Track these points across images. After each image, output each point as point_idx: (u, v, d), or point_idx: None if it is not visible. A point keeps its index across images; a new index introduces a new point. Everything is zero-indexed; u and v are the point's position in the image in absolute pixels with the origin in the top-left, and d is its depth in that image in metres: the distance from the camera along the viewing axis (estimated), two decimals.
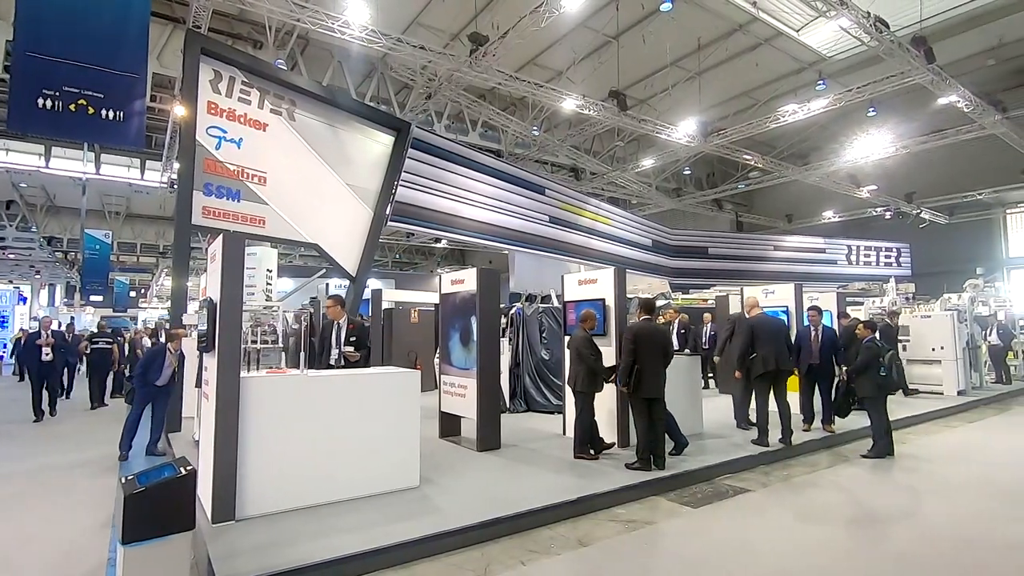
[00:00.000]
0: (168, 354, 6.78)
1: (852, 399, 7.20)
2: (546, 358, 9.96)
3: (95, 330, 13.09)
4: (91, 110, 6.81)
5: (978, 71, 16.78)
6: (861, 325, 7.12)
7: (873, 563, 3.86)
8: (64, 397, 11.91)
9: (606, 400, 6.54)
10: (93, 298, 24.87)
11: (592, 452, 6.14)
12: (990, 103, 14.68)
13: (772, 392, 6.93)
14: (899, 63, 12.29)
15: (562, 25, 13.85)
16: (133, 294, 31.60)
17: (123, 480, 3.13)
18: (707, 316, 12.27)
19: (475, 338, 6.66)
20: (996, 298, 15.93)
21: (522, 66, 16.23)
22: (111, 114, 6.91)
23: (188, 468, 3.29)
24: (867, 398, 6.79)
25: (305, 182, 8.44)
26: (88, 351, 11.97)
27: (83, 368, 13.01)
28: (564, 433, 7.27)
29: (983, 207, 22.94)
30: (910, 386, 11.67)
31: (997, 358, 13.33)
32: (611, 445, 6.42)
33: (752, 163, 19.49)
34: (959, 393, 11.11)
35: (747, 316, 7.37)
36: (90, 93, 6.79)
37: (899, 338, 12.26)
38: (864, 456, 6.72)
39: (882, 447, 6.72)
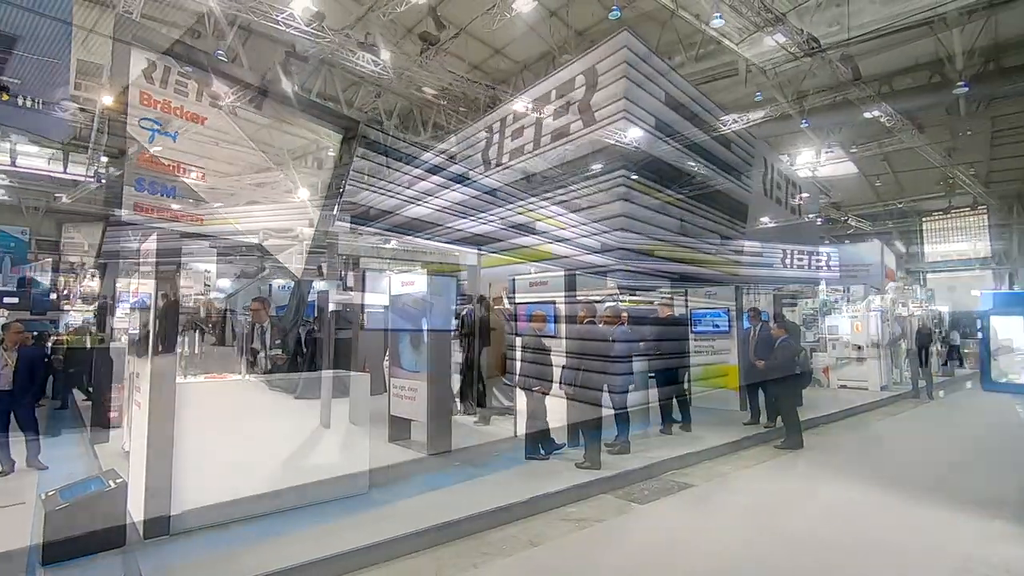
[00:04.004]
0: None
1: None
2: None
3: None
4: None
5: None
6: (775, 326, 7.47)
7: (809, 550, 4.07)
8: None
9: (557, 401, 6.61)
10: (7, 300, 22.99)
11: (543, 452, 6.19)
12: (908, 119, 15.82)
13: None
14: (829, 78, 13.07)
15: (514, 28, 13.92)
16: (54, 296, 29.45)
17: (43, 496, 2.91)
18: (624, 315, 11.52)
19: (426, 340, 6.59)
20: (914, 300, 17.17)
21: (474, 67, 16.18)
22: None
23: (117, 481, 3.11)
24: (780, 395, 7.14)
25: (247, 179, 8.11)
26: None
27: None
28: (515, 434, 7.29)
29: (902, 215, 24.72)
30: (839, 382, 12.48)
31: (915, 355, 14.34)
32: (562, 446, 6.49)
33: (697, 168, 20.21)
34: (882, 388, 11.89)
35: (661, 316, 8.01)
36: None
37: (829, 337, 13.06)
38: (777, 447, 7.03)
39: (794, 440, 6.98)
